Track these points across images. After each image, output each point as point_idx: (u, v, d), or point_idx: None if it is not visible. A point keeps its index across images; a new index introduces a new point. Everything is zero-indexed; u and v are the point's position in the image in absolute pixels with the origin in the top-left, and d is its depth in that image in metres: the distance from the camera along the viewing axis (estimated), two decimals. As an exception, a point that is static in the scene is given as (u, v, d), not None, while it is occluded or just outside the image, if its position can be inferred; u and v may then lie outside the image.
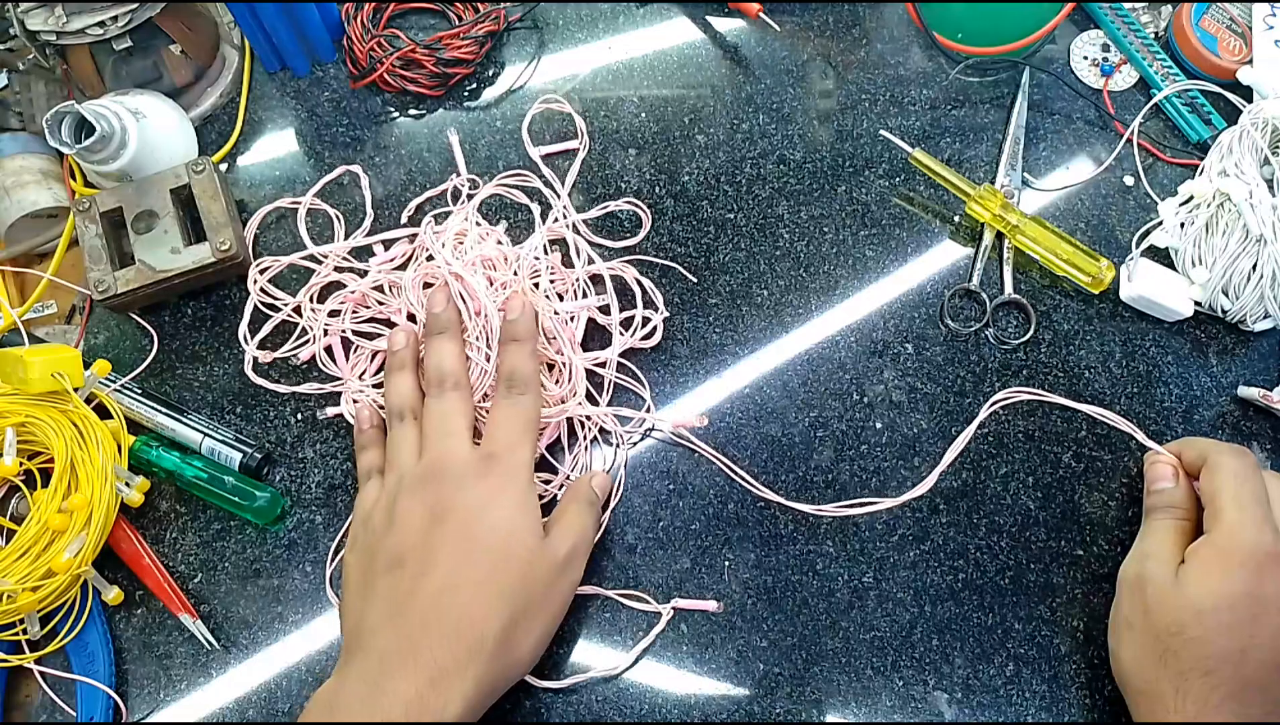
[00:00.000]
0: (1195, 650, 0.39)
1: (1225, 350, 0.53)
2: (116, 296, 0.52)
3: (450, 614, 0.40)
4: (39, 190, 0.56)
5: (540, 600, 0.43)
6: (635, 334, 0.52)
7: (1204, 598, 0.40)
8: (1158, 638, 0.41)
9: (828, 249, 0.56)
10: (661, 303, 0.53)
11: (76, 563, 0.46)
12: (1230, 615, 0.39)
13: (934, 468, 0.49)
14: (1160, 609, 0.41)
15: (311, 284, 0.54)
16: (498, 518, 0.42)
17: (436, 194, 0.57)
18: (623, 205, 0.56)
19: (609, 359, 0.51)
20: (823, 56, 0.61)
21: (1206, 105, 0.57)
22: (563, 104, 0.59)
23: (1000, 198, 0.54)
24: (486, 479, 0.43)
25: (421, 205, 0.57)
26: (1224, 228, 0.51)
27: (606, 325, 0.52)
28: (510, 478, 0.44)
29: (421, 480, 0.43)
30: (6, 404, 0.49)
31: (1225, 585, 0.40)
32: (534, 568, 0.42)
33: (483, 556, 0.41)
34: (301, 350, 0.53)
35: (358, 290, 0.53)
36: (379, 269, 0.53)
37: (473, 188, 0.57)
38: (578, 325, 0.52)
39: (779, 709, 0.46)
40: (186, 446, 0.51)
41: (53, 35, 0.54)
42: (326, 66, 0.62)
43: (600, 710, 0.46)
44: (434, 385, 0.46)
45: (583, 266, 0.53)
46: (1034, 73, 0.60)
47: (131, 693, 0.47)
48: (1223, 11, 0.59)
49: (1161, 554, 0.43)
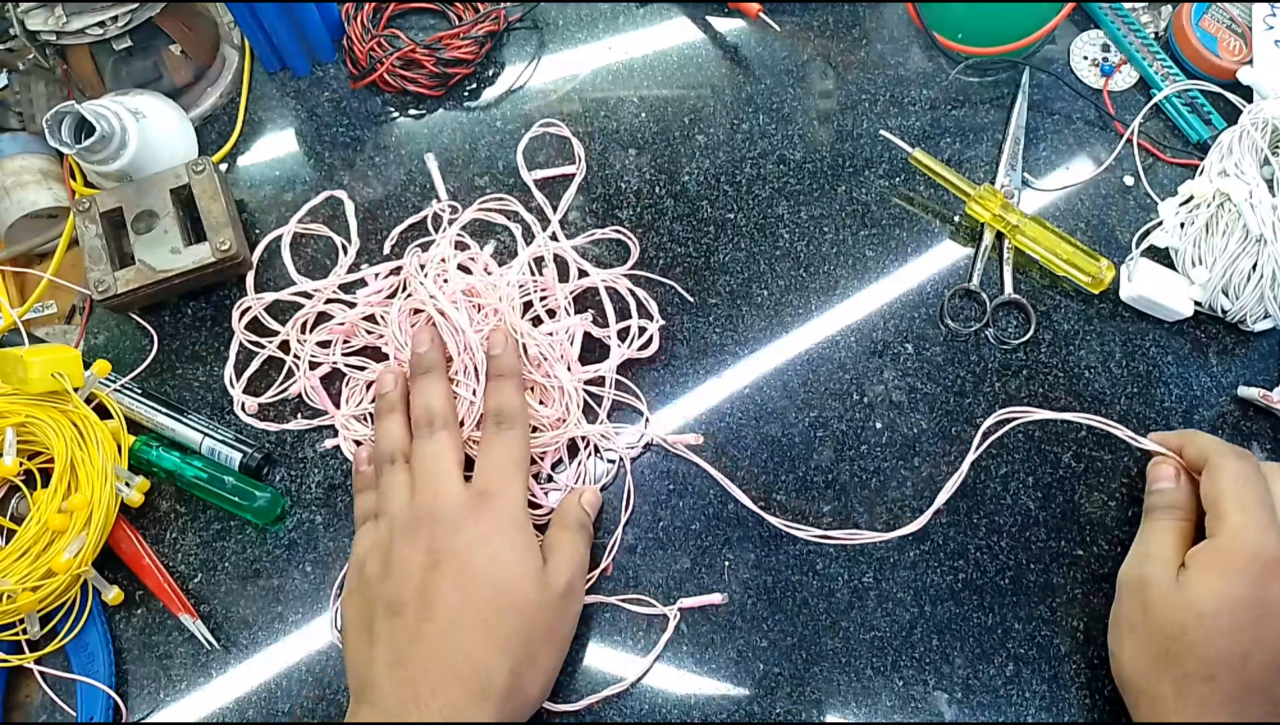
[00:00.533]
0: (1197, 653, 0.39)
1: (1225, 350, 0.53)
2: (116, 296, 0.52)
3: (455, 659, 0.39)
4: (39, 190, 0.56)
5: (545, 635, 0.42)
6: (632, 345, 0.52)
7: (1206, 601, 0.39)
8: (1159, 640, 0.40)
9: (828, 249, 0.56)
10: (656, 311, 0.53)
11: (76, 563, 0.46)
12: (1232, 619, 0.39)
13: (936, 470, 0.49)
14: (1162, 611, 0.41)
15: (298, 317, 0.53)
16: (494, 557, 0.42)
17: (418, 220, 0.57)
18: (610, 234, 0.56)
19: (608, 376, 0.51)
20: (823, 56, 0.61)
21: (1206, 105, 0.57)
22: (561, 127, 0.59)
23: (1000, 198, 0.54)
24: (480, 518, 0.43)
25: (406, 231, 0.56)
26: (1224, 228, 0.51)
27: (603, 338, 0.52)
28: (504, 514, 0.43)
29: (415, 523, 0.43)
30: (6, 404, 0.49)
31: (1228, 588, 0.39)
32: (536, 604, 0.42)
33: (483, 598, 0.41)
34: (289, 388, 0.52)
35: (347, 321, 0.52)
36: (367, 301, 0.53)
37: (453, 213, 0.56)
38: (574, 341, 0.51)
39: (779, 709, 0.46)
40: (186, 446, 0.51)
41: (53, 35, 0.54)
42: (326, 66, 0.62)
43: (600, 710, 0.46)
44: (423, 426, 0.46)
45: (570, 283, 0.53)
46: (1034, 73, 0.60)
47: (131, 693, 0.47)
48: (1223, 11, 0.59)
49: (1163, 555, 0.43)
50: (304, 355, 0.52)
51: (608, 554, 0.49)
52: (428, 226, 0.57)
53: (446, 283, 0.51)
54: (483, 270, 0.53)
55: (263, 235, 0.57)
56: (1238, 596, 0.39)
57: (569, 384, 0.49)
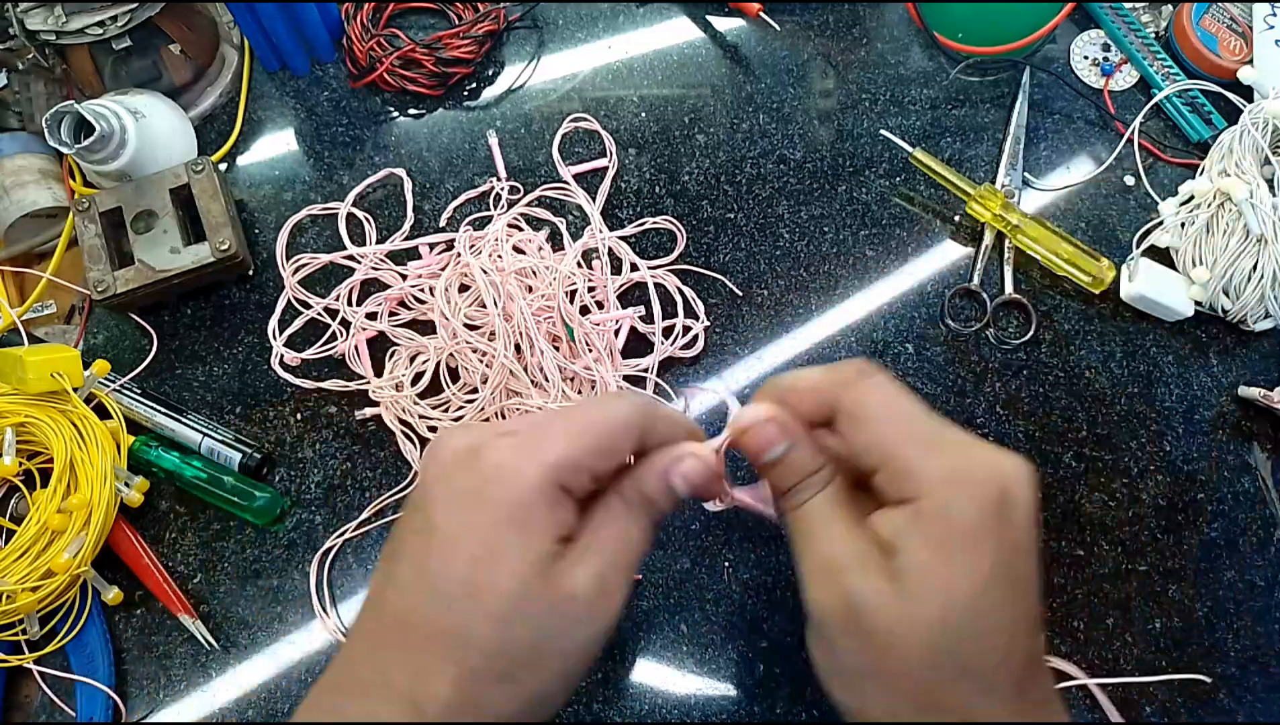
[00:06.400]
0: (974, 674, 0.28)
1: (1226, 350, 0.53)
2: (116, 296, 0.52)
3: (388, 662, 0.30)
4: (38, 190, 0.56)
5: (537, 649, 0.29)
6: (676, 342, 0.52)
7: (955, 591, 0.28)
8: (918, 676, 0.28)
9: (828, 249, 0.56)
10: (703, 312, 0.53)
11: (76, 563, 0.46)
12: (994, 593, 0.28)
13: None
14: (901, 635, 0.28)
15: (349, 282, 0.54)
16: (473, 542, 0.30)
17: (476, 195, 0.57)
18: (661, 223, 0.56)
19: (649, 373, 0.52)
20: (823, 56, 0.61)
21: (1207, 105, 0.57)
22: (592, 122, 0.59)
23: (1001, 197, 0.54)
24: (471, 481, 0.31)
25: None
26: (1224, 227, 0.51)
27: (648, 334, 0.53)
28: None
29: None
30: (6, 404, 0.49)
31: (977, 561, 0.28)
32: (519, 609, 0.29)
33: (444, 591, 0.29)
34: (335, 347, 0.53)
35: (398, 291, 0.53)
36: (418, 272, 0.54)
37: (513, 193, 0.57)
38: (620, 333, 0.52)
39: (779, 709, 0.46)
40: (186, 446, 0.51)
41: (52, 35, 0.54)
42: (326, 66, 0.62)
43: (600, 710, 0.46)
44: None
45: (619, 276, 0.54)
46: (1034, 72, 0.60)
47: (131, 693, 0.47)
48: (1223, 11, 0.59)
49: (848, 556, 0.29)
50: (358, 315, 0.53)
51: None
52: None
53: (500, 260, 0.52)
54: (537, 252, 0.53)
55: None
56: (987, 568, 0.28)
57: (610, 378, 0.50)
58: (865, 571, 0.29)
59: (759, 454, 0.32)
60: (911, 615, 0.28)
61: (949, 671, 0.28)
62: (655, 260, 0.55)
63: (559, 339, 0.51)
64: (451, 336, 0.51)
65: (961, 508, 0.28)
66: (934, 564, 0.28)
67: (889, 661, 0.28)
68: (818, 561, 0.30)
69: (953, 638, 0.28)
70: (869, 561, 0.29)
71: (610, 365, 0.51)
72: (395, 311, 0.54)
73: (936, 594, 0.28)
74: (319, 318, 0.54)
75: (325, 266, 0.55)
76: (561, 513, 0.30)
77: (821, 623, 0.30)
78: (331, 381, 0.53)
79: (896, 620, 0.28)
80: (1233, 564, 0.48)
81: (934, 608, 0.28)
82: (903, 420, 0.30)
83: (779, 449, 0.32)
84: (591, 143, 0.59)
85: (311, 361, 0.53)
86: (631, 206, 0.57)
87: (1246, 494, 0.50)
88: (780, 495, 0.33)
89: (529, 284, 0.52)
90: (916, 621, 0.28)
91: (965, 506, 0.28)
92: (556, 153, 0.58)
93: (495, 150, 0.58)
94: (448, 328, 0.51)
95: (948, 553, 0.28)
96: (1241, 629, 0.47)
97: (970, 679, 0.28)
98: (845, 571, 0.29)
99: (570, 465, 0.30)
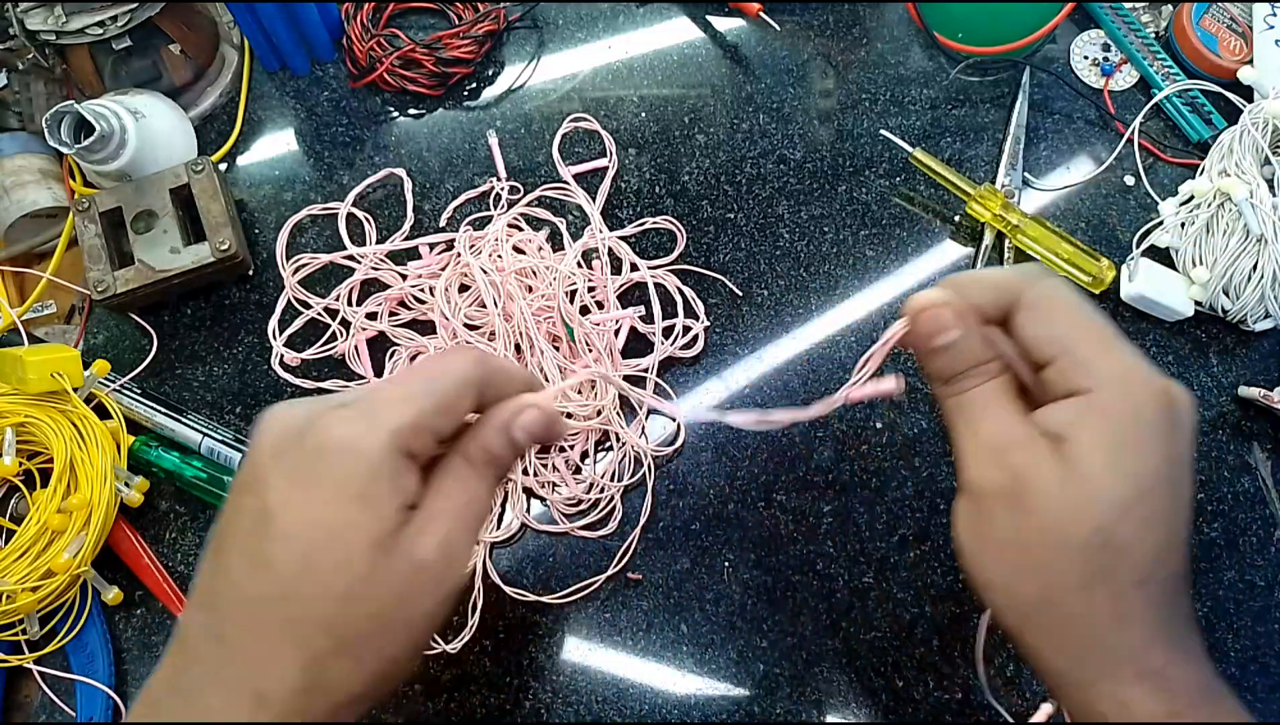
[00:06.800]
0: (1129, 559, 0.29)
1: (1226, 350, 0.53)
2: (116, 296, 0.52)
3: (224, 653, 0.28)
4: (38, 190, 0.56)
5: (379, 619, 0.29)
6: (676, 342, 0.52)
7: (1118, 486, 0.29)
8: (1073, 554, 0.29)
9: (828, 249, 0.56)
10: (703, 312, 0.53)
11: (76, 563, 0.46)
12: (1154, 501, 0.29)
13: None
14: (1060, 516, 0.29)
15: (349, 282, 0.54)
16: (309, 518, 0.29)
17: (476, 195, 0.57)
18: (662, 224, 0.56)
19: (649, 373, 0.52)
20: (823, 56, 0.61)
21: (1207, 105, 0.57)
22: (592, 122, 0.59)
23: (1001, 197, 0.54)
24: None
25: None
26: (1224, 227, 0.51)
27: (648, 334, 0.53)
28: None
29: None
30: (6, 404, 0.49)
31: (1140, 463, 0.29)
32: (364, 581, 0.28)
33: (280, 572, 0.28)
34: (335, 348, 0.53)
35: (398, 291, 0.53)
36: (418, 273, 0.54)
37: (513, 193, 0.57)
38: (619, 333, 0.52)
39: (779, 709, 0.46)
40: (186, 446, 0.51)
41: (52, 35, 0.54)
42: (326, 66, 0.62)
43: (600, 710, 0.46)
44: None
45: (619, 276, 0.54)
46: (1034, 72, 0.60)
47: (131, 693, 0.47)
48: (1223, 11, 0.59)
49: (1016, 437, 0.30)
50: (357, 315, 0.53)
51: (625, 556, 0.49)
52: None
53: (500, 260, 0.52)
54: (537, 252, 0.53)
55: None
56: (1155, 467, 0.29)
57: (610, 377, 0.50)
58: (1034, 452, 0.30)
59: (931, 337, 0.32)
60: (1078, 497, 0.29)
61: (1109, 555, 0.29)
62: (655, 260, 0.55)
63: (559, 339, 0.51)
64: (451, 337, 0.51)
65: (1136, 405, 0.29)
66: (1104, 453, 0.29)
67: (1050, 539, 0.29)
68: (984, 440, 0.31)
69: (1116, 524, 0.28)
70: (1038, 444, 0.30)
71: (610, 365, 0.51)
72: (395, 311, 0.54)
73: (1105, 481, 0.28)
74: (319, 318, 0.54)
75: (325, 266, 0.56)
76: (405, 480, 0.29)
77: (982, 497, 0.31)
78: (331, 382, 0.53)
79: (1063, 501, 0.29)
80: (1233, 564, 0.48)
81: (1101, 492, 0.28)
82: (1083, 317, 0.31)
83: (953, 334, 0.32)
84: (591, 143, 0.59)
85: (311, 362, 0.53)
86: (631, 206, 0.57)
87: (1246, 494, 0.50)
88: (943, 382, 0.33)
89: (529, 284, 0.52)
90: (1082, 504, 0.29)
91: (1140, 404, 0.29)
92: (556, 153, 0.58)
93: (495, 150, 0.58)
94: (448, 328, 0.51)
95: (1119, 444, 0.29)
96: (1241, 629, 0.47)
97: (1127, 566, 0.29)
98: (1014, 449, 0.30)
99: (412, 430, 0.29)
